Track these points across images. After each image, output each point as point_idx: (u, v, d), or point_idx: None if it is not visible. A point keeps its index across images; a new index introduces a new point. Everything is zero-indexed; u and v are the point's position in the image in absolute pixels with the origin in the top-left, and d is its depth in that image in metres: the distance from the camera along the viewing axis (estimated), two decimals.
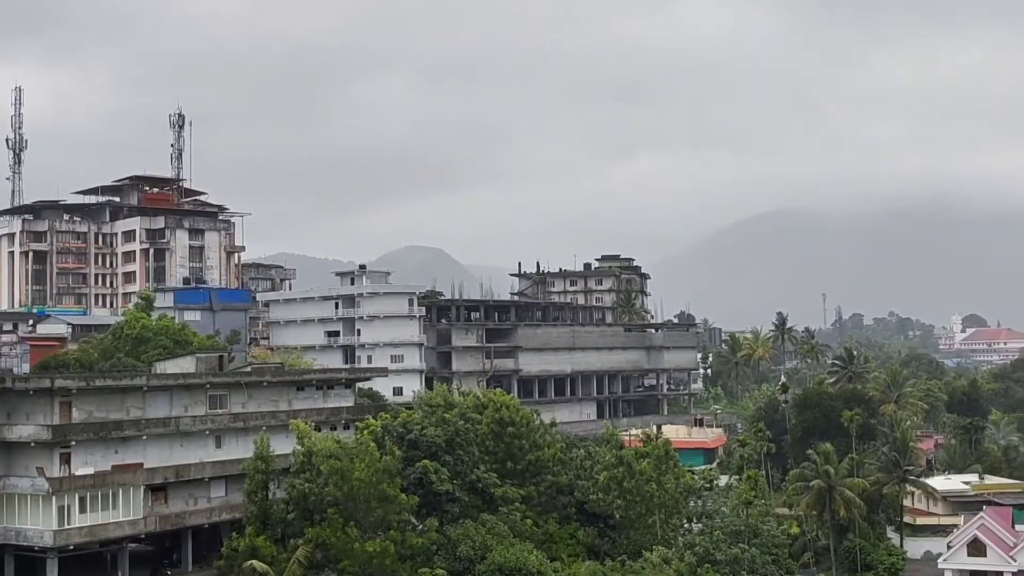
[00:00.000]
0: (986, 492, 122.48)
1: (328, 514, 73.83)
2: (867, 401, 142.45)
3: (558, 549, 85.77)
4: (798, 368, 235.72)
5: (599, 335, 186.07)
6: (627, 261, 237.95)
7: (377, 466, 75.39)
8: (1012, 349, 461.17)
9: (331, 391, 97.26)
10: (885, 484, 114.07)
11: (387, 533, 75.04)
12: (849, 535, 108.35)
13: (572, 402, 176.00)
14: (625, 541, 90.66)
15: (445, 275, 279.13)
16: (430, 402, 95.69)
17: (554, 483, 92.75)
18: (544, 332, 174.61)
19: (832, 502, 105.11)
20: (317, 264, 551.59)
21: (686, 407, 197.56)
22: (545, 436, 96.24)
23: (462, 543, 78.06)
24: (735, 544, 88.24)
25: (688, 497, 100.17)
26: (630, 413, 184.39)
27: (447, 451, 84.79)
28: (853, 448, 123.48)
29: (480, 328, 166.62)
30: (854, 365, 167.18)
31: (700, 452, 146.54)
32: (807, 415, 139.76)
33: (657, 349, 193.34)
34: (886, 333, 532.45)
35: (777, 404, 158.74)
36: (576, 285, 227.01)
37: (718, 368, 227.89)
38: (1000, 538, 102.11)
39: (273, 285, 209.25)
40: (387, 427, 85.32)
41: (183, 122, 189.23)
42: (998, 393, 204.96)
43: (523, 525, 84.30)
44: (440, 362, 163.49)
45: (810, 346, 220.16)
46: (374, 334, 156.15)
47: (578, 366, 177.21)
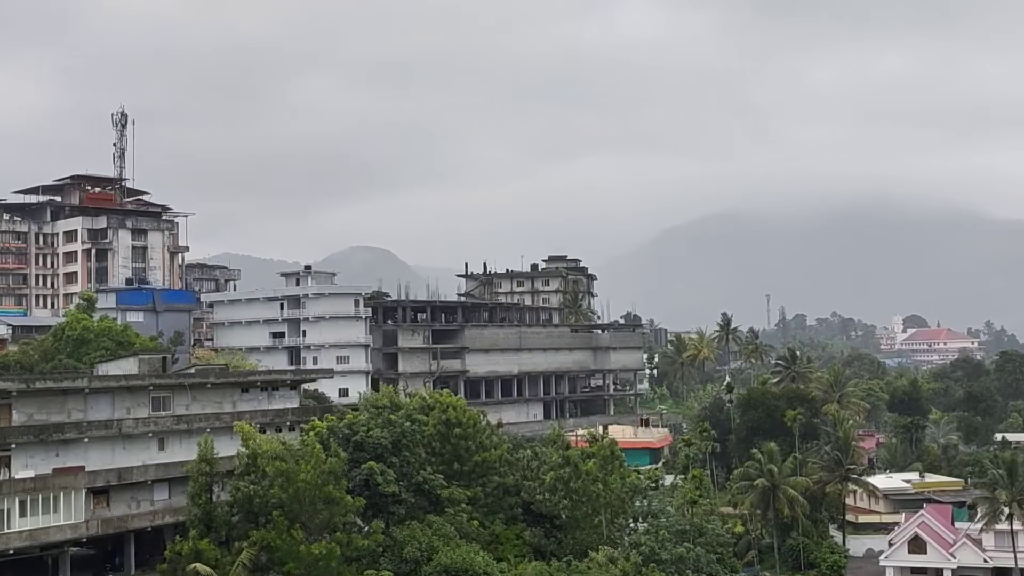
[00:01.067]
0: (926, 490, 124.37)
1: (273, 516, 73.23)
2: (810, 401, 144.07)
3: (504, 550, 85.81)
4: (742, 368, 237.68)
5: (546, 336, 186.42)
6: (574, 262, 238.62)
7: (322, 468, 74.94)
8: (952, 349, 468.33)
9: (276, 393, 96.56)
10: (828, 483, 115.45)
11: (333, 535, 74.59)
12: (792, 533, 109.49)
13: (519, 403, 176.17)
14: (571, 541, 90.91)
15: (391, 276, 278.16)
16: (376, 403, 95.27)
17: (501, 484, 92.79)
18: (491, 333, 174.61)
19: (776, 501, 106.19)
20: (262, 265, 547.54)
21: (632, 407, 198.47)
22: (492, 437, 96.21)
23: (408, 544, 77.85)
24: (680, 543, 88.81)
25: (634, 497, 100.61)
26: (577, 413, 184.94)
27: (393, 452, 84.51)
28: (796, 447, 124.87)
29: (427, 329, 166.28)
30: (797, 365, 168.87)
31: (646, 452, 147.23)
32: (751, 415, 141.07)
33: (603, 350, 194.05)
34: (829, 333, 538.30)
35: (722, 404, 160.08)
36: (523, 286, 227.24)
37: (664, 368, 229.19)
38: (940, 535, 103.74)
39: (217, 286, 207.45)
40: (333, 429, 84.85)
41: (125, 121, 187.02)
42: (938, 393, 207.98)
43: (469, 526, 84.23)
44: (386, 363, 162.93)
45: (754, 346, 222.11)
46: (320, 335, 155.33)
47: (525, 367, 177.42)
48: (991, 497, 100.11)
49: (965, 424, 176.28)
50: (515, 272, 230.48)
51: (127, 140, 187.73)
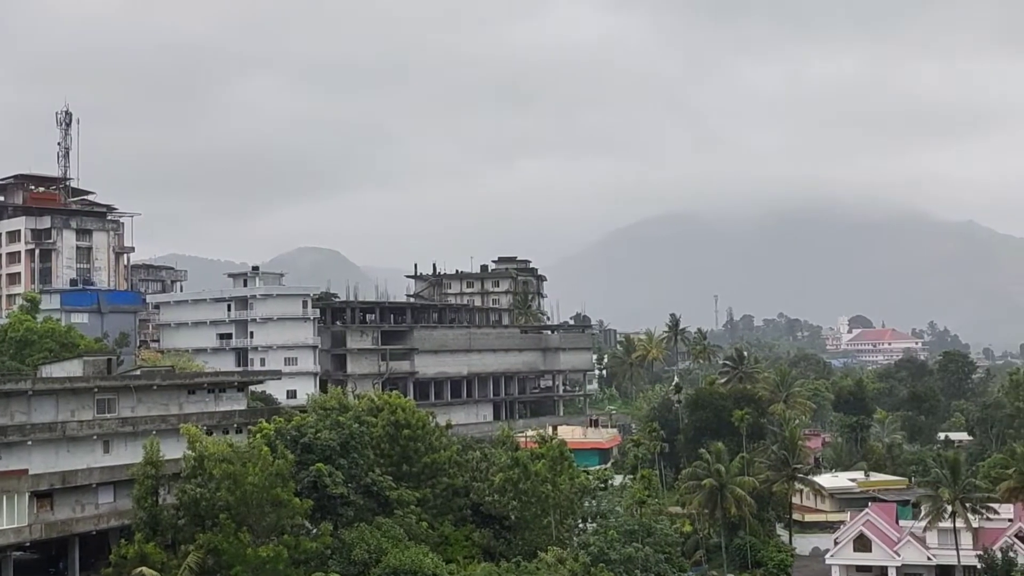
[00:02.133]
0: (871, 489, 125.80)
1: (220, 519, 72.69)
2: (757, 401, 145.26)
3: (454, 551, 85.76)
4: (691, 369, 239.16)
5: (495, 337, 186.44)
6: (524, 263, 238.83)
7: (270, 470, 74.52)
8: (896, 349, 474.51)
9: (223, 394, 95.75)
10: (774, 482, 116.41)
11: (280, 538, 74.19)
12: (740, 532, 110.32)
13: (468, 404, 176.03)
14: (520, 542, 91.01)
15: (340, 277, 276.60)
16: (324, 405, 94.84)
17: (450, 485, 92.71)
18: (440, 334, 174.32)
19: (723, 500, 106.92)
20: (209, 266, 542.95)
21: (581, 408, 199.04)
22: (441, 438, 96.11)
23: (357, 547, 77.58)
24: (629, 543, 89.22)
25: (583, 497, 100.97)
26: (526, 414, 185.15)
27: (342, 454, 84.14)
28: (744, 447, 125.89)
29: (375, 330, 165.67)
30: (744, 365, 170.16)
31: (595, 452, 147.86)
32: (699, 415, 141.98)
33: (553, 351, 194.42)
34: (776, 334, 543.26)
35: (670, 404, 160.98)
36: (473, 287, 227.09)
37: (613, 369, 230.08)
38: (885, 534, 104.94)
39: (164, 287, 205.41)
40: (280, 431, 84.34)
41: (70, 120, 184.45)
42: (883, 392, 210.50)
43: (418, 528, 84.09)
44: (335, 364, 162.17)
45: (702, 347, 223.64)
46: (267, 336, 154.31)
47: (474, 368, 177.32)
48: (934, 496, 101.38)
49: (909, 423, 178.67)
50: (464, 273, 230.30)
51: (72, 139, 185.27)
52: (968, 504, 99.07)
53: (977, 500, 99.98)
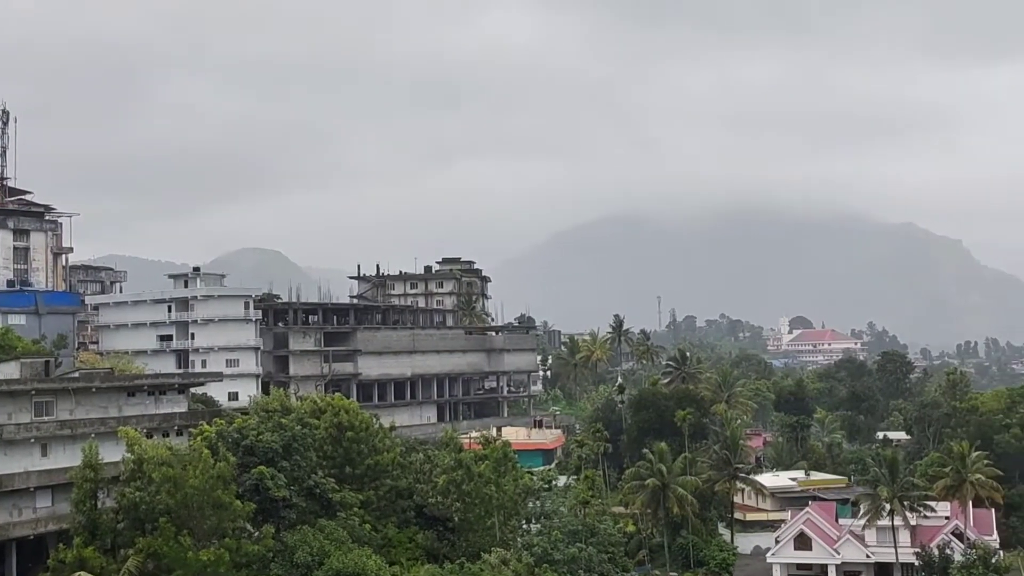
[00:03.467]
0: (811, 488, 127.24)
1: (160, 523, 72.03)
2: (699, 401, 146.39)
3: (397, 553, 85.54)
4: (634, 369, 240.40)
5: (439, 338, 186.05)
6: (468, 264, 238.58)
7: (211, 473, 73.92)
8: (836, 350, 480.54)
9: (163, 397, 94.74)
10: (717, 481, 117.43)
11: (222, 541, 73.62)
12: (682, 532, 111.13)
13: (412, 405, 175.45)
14: (464, 543, 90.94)
15: (282, 277, 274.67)
16: (266, 407, 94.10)
17: (393, 487, 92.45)
18: (384, 335, 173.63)
19: (666, 500, 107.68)
20: (149, 266, 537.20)
21: (526, 409, 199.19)
22: (384, 440, 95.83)
23: (299, 549, 77.16)
24: (573, 543, 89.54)
25: (527, 498, 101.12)
26: (470, 416, 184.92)
27: (284, 457, 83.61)
28: (686, 447, 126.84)
29: (318, 331, 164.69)
30: (687, 366, 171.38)
31: (539, 453, 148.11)
32: (642, 415, 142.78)
33: (497, 352, 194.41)
34: (718, 335, 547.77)
35: (614, 405, 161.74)
36: (416, 288, 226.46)
37: (557, 370, 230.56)
38: (825, 532, 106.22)
39: (103, 288, 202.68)
40: (222, 433, 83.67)
41: (7, 118, 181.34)
42: (823, 392, 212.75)
43: (362, 530, 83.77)
44: (277, 366, 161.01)
45: (645, 348, 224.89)
46: (209, 338, 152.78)
47: (418, 369, 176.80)
48: (873, 494, 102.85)
49: (848, 423, 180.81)
50: (408, 274, 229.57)
51: (8, 138, 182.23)
52: (906, 502, 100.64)
53: (915, 498, 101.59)
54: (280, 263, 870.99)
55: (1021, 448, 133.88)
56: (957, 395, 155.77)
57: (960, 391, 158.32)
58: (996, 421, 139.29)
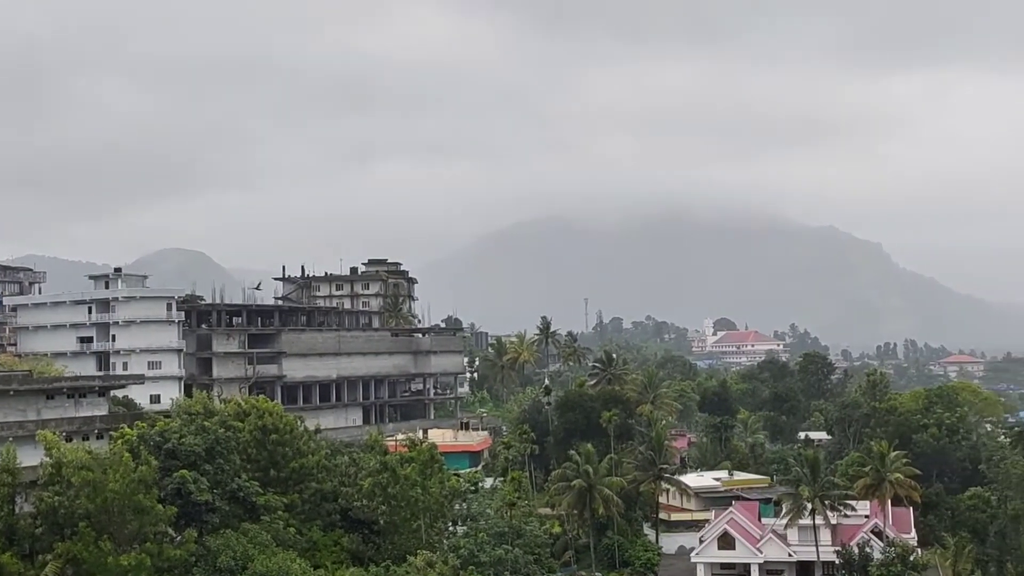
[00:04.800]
0: (735, 488, 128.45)
1: (80, 528, 70.98)
2: (625, 402, 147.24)
3: (322, 556, 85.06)
4: (561, 371, 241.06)
5: (365, 340, 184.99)
6: (394, 265, 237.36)
7: (132, 477, 72.98)
8: (759, 351, 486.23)
9: (83, 400, 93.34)
10: (642, 482, 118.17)
11: (143, 546, 72.74)
12: (608, 532, 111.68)
13: (338, 408, 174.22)
14: (390, 546, 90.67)
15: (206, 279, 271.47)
16: (189, 410, 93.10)
17: (318, 490, 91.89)
18: (309, 337, 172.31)
19: (592, 501, 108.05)
20: (70, 267, 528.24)
21: (452, 411, 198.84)
22: (309, 443, 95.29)
23: (222, 554, 76.38)
24: (499, 545, 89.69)
25: (453, 500, 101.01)
26: (396, 418, 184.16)
27: (207, 460, 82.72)
28: (612, 448, 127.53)
29: (242, 333, 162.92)
30: (613, 367, 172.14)
31: (466, 455, 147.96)
32: (569, 416, 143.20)
33: (424, 354, 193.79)
34: (644, 336, 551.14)
35: (540, 406, 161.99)
36: (342, 289, 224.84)
37: (484, 372, 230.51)
38: (748, 531, 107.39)
39: (21, 289, 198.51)
40: (143, 436, 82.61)
41: None
42: (746, 393, 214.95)
43: (286, 533, 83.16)
44: (200, 368, 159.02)
45: (572, 349, 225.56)
46: (130, 340, 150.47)
47: (344, 371, 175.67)
48: (795, 493, 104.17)
49: (771, 423, 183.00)
50: (334, 275, 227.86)
51: None
52: (827, 501, 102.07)
53: (835, 497, 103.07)
54: (204, 264, 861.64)
55: (938, 448, 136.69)
56: (877, 396, 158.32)
57: (879, 392, 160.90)
58: (914, 421, 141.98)
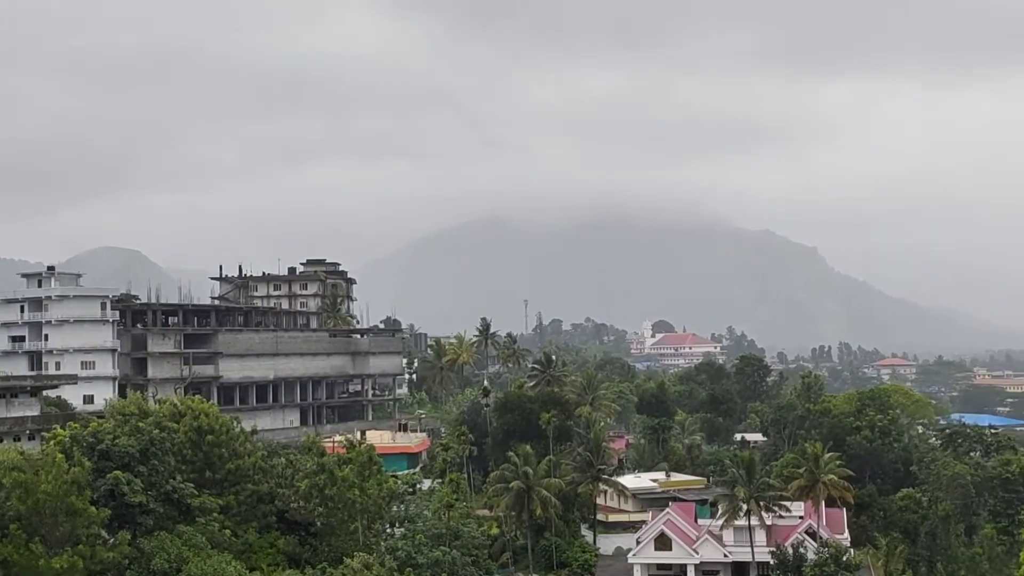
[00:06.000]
0: (672, 489, 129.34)
1: (11, 530, 69.95)
2: (564, 403, 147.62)
3: (258, 559, 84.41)
4: (500, 372, 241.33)
5: (303, 341, 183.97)
6: (332, 266, 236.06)
7: (65, 478, 71.98)
8: (696, 353, 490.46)
9: (15, 400, 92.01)
10: (580, 483, 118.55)
11: (75, 548, 71.70)
12: (546, 534, 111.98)
13: (275, 409, 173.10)
14: (326, 548, 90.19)
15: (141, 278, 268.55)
16: (123, 411, 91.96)
17: (254, 492, 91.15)
18: (246, 337, 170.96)
19: (530, 502, 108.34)
20: (2, 265, 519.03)
21: (391, 412, 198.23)
22: (245, 444, 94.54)
23: (156, 556, 75.56)
24: (436, 547, 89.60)
25: (391, 502, 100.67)
26: (334, 419, 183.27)
27: (141, 461, 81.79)
28: (551, 449, 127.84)
29: (178, 333, 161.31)
30: (552, 369, 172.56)
31: (404, 457, 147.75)
32: (507, 418, 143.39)
33: (362, 355, 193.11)
34: (583, 338, 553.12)
35: (479, 408, 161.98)
36: (280, 290, 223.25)
37: (423, 373, 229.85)
38: (684, 532, 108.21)
39: None
40: (76, 437, 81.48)
41: None
42: (683, 395, 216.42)
43: (221, 535, 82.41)
44: (135, 369, 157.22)
45: (512, 351, 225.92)
46: (63, 339, 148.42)
47: (281, 372, 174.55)
48: (731, 495, 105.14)
49: (708, 425, 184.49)
50: (271, 275, 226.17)
51: None
52: (762, 502, 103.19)
53: (770, 498, 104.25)
54: (139, 263, 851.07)
55: (871, 449, 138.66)
56: (811, 398, 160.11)
57: (814, 394, 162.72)
58: (847, 423, 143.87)
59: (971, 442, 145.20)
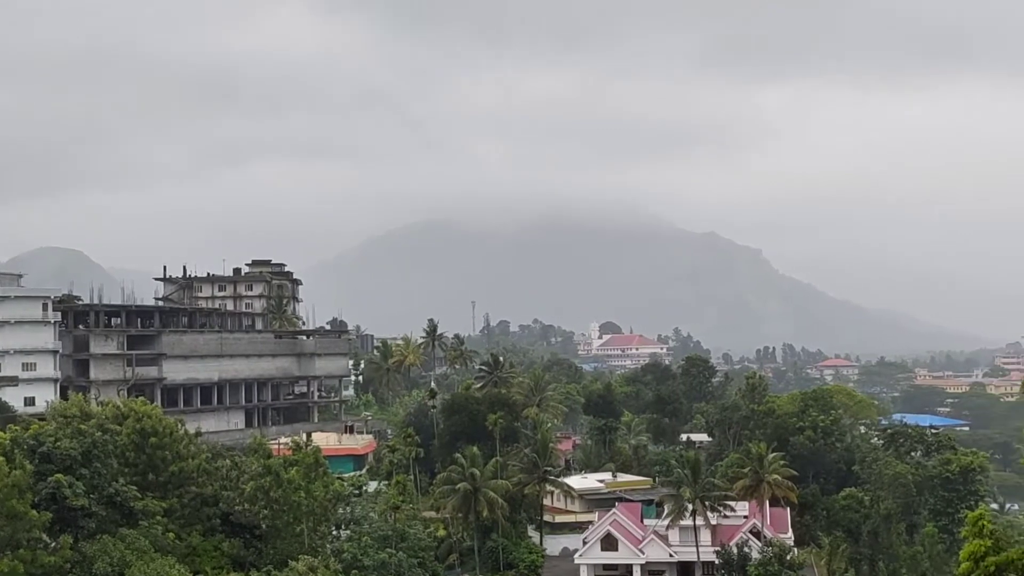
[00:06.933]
0: (618, 489, 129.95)
1: None
2: (511, 405, 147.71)
3: (202, 562, 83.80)
4: (448, 374, 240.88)
5: (248, 342, 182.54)
6: (278, 267, 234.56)
7: (5, 481, 71.15)
8: (643, 354, 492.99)
9: None
10: (527, 484, 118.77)
11: (16, 552, 70.90)
12: (493, 535, 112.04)
13: (219, 411, 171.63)
14: (272, 551, 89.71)
15: (84, 279, 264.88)
16: (65, 413, 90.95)
17: (198, 494, 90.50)
18: (190, 339, 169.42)
19: (477, 504, 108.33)
20: None
21: (337, 414, 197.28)
22: (189, 446, 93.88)
23: (99, 560, 74.80)
24: (383, 549, 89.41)
25: (337, 504, 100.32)
26: (280, 421, 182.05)
27: (83, 464, 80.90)
28: (498, 450, 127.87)
29: (121, 335, 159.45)
30: (500, 370, 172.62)
31: (350, 459, 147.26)
32: (454, 419, 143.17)
33: (308, 356, 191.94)
34: (530, 339, 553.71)
35: (426, 409, 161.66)
36: (225, 291, 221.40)
37: (370, 375, 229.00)
38: (630, 532, 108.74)
39: None
40: (17, 440, 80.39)
41: None
42: (630, 396, 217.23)
43: (165, 539, 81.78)
44: (77, 370, 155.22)
45: (459, 352, 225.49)
46: (3, 341, 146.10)
47: (226, 374, 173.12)
48: (676, 495, 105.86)
49: (654, 425, 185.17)
50: (216, 276, 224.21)
51: None
52: (707, 502, 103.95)
53: (715, 498, 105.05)
54: (82, 264, 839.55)
55: (814, 449, 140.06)
56: (755, 398, 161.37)
57: (758, 395, 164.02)
58: (791, 423, 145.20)
59: (912, 442, 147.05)
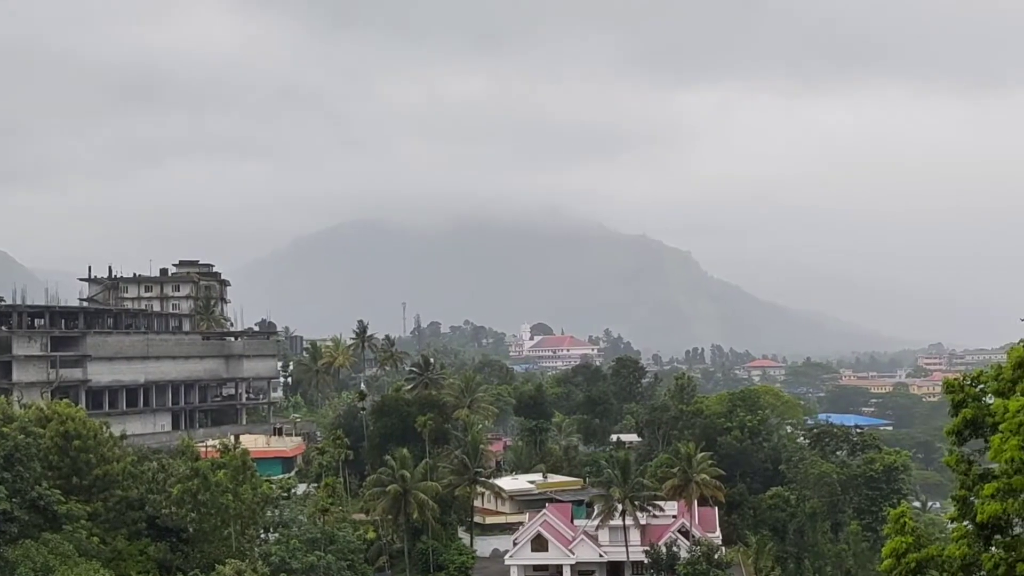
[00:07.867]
0: (549, 490, 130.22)
1: None
2: (442, 406, 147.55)
3: (127, 566, 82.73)
4: (378, 375, 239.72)
5: (175, 343, 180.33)
6: (206, 267, 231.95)
7: None
8: (574, 355, 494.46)
9: None
10: (457, 486, 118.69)
11: None
12: (423, 537, 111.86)
13: (146, 413, 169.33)
14: (199, 555, 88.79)
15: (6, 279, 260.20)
16: None
17: (124, 498, 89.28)
18: (116, 340, 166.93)
19: (407, 506, 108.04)
20: None
21: (265, 416, 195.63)
22: (114, 449, 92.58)
23: (21, 565, 73.47)
24: (311, 552, 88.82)
25: (265, 507, 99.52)
26: (207, 424, 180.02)
27: (5, 467, 79.52)
28: (428, 452, 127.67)
29: (45, 336, 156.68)
30: (431, 372, 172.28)
31: (279, 461, 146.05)
32: (384, 421, 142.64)
33: (236, 358, 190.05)
34: (462, 341, 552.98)
35: (356, 411, 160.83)
36: (152, 291, 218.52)
37: (299, 376, 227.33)
38: (561, 533, 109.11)
39: None
40: None
41: None
42: (561, 397, 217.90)
43: (89, 543, 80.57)
44: None
45: (390, 354, 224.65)
46: None
47: (152, 376, 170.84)
48: (606, 495, 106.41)
49: (584, 426, 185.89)
50: (143, 277, 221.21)
51: None
52: (637, 502, 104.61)
53: (645, 498, 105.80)
54: (4, 264, 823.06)
55: (741, 449, 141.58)
56: (684, 399, 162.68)
57: (687, 395, 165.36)
58: (719, 423, 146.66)
59: (837, 441, 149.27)
